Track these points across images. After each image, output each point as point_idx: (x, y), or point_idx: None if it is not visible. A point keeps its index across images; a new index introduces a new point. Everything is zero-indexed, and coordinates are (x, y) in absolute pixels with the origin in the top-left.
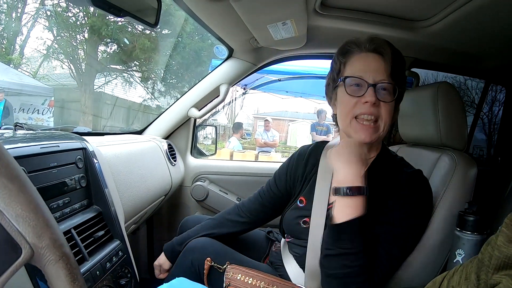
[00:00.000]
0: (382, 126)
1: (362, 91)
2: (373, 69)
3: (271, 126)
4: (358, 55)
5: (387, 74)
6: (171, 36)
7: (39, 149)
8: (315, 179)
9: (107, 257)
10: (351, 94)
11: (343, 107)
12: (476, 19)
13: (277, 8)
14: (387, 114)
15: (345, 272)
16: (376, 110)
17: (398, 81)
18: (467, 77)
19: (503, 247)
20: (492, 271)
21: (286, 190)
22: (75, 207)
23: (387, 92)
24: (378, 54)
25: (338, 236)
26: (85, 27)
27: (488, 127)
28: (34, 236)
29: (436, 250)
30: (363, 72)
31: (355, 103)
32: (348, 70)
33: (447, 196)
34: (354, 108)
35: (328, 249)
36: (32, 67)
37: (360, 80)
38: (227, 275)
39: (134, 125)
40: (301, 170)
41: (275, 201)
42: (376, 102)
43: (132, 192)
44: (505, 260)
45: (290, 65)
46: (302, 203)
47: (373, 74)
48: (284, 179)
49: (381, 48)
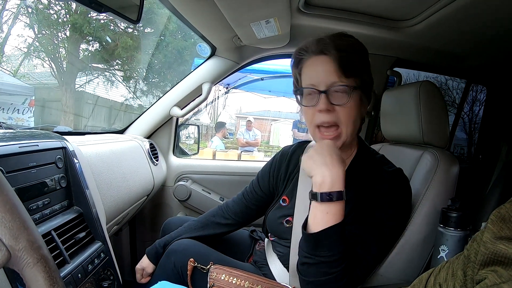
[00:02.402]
0: (344, 131)
1: (315, 99)
2: (323, 73)
3: (253, 126)
4: (308, 61)
5: (338, 74)
6: (153, 35)
7: (18, 148)
8: (298, 178)
9: (88, 259)
10: (306, 105)
11: (305, 118)
12: (458, 19)
13: (260, 6)
14: (347, 117)
15: (325, 279)
16: (333, 116)
17: (357, 76)
18: (448, 77)
19: (489, 243)
20: (478, 267)
21: (269, 191)
22: (55, 208)
23: (342, 94)
24: (324, 55)
25: (315, 245)
26: (67, 25)
27: (469, 126)
28: (10, 238)
29: (420, 247)
30: (314, 79)
31: (312, 113)
32: (303, 79)
33: (430, 193)
34: (313, 118)
35: (305, 257)
36: (13, 65)
37: (312, 89)
38: (211, 276)
39: (116, 124)
40: (283, 170)
41: (259, 202)
42: (330, 108)
43: (113, 193)
44: (491, 256)
45: (273, 64)
46: (285, 203)
47: (323, 79)
48: (267, 180)
49: (325, 48)
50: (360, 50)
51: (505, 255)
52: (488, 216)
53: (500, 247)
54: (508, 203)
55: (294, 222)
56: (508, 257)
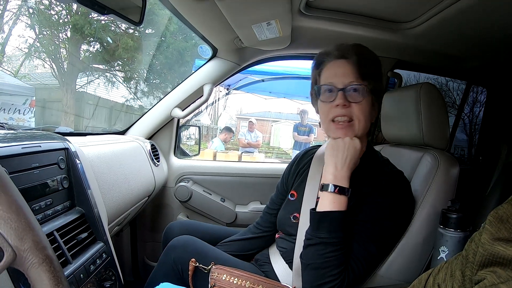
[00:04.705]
0: (357, 124)
1: (333, 96)
2: (341, 74)
3: (254, 127)
4: (328, 63)
5: (355, 76)
6: (154, 36)
7: (21, 149)
8: (307, 174)
9: (90, 260)
10: (324, 101)
11: (321, 113)
12: (458, 21)
13: (262, 8)
14: (360, 113)
15: (321, 262)
16: (348, 111)
17: (371, 80)
18: (448, 78)
19: (487, 244)
20: (477, 268)
21: (284, 190)
22: (57, 208)
23: (357, 93)
24: (345, 59)
25: (318, 224)
26: (68, 26)
27: (469, 128)
28: (16, 239)
29: (420, 248)
30: (333, 78)
31: (329, 108)
32: (322, 79)
33: (430, 194)
34: (329, 113)
35: (308, 239)
36: (14, 65)
37: (331, 86)
38: (212, 276)
39: (117, 125)
40: (295, 167)
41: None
42: (346, 104)
43: (115, 193)
44: (489, 257)
45: (273, 65)
46: (293, 197)
47: (342, 79)
48: (285, 178)
49: (346, 53)
50: (375, 60)
51: (503, 256)
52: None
53: (498, 249)
54: (506, 204)
55: (300, 219)
56: (506, 258)
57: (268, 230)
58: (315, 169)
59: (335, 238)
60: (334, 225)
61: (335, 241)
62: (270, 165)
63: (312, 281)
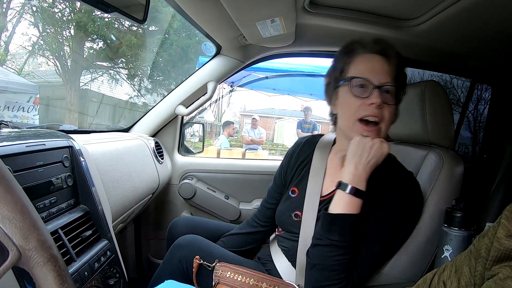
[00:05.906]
0: (383, 129)
1: (367, 92)
2: (378, 71)
3: (258, 123)
4: (362, 56)
5: (392, 76)
6: (158, 33)
7: (25, 147)
8: (308, 170)
9: (95, 257)
10: (356, 95)
11: (346, 108)
12: (462, 19)
13: (266, 5)
14: (389, 116)
15: (329, 264)
16: (380, 112)
17: (401, 84)
18: (453, 76)
19: (504, 239)
20: (492, 263)
21: (281, 182)
22: (61, 206)
23: (390, 94)
24: (383, 56)
25: (330, 226)
26: (71, 23)
27: (474, 125)
28: (21, 238)
29: (424, 246)
30: (369, 74)
31: (359, 105)
32: (352, 70)
33: (435, 193)
34: (358, 110)
35: (317, 239)
36: (17, 63)
37: (366, 81)
38: (216, 273)
39: (121, 123)
40: (294, 159)
41: (277, 200)
42: (381, 104)
43: (119, 191)
44: (506, 252)
45: (277, 62)
46: (294, 194)
47: (378, 76)
48: (281, 169)
49: (386, 50)
50: (405, 63)
51: None
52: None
53: None
54: None
55: (303, 217)
56: None
57: (266, 225)
58: (317, 163)
59: (346, 241)
60: (347, 228)
61: (346, 245)
62: (274, 162)
63: (317, 281)
